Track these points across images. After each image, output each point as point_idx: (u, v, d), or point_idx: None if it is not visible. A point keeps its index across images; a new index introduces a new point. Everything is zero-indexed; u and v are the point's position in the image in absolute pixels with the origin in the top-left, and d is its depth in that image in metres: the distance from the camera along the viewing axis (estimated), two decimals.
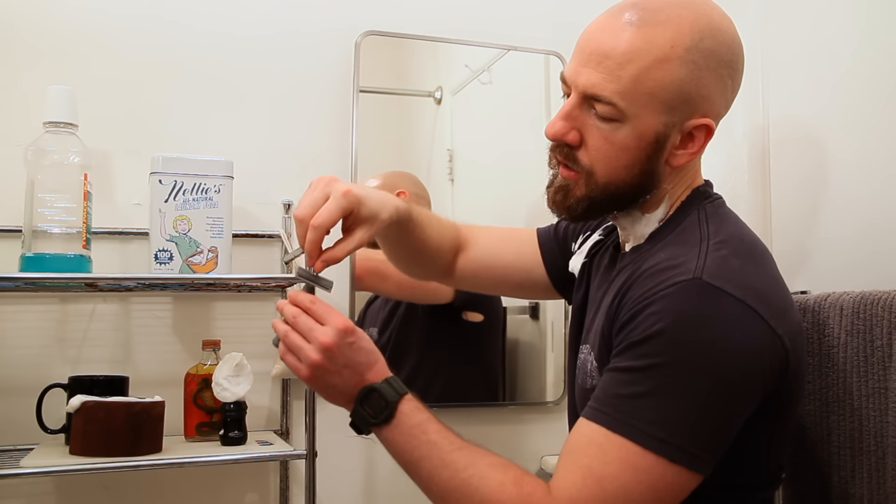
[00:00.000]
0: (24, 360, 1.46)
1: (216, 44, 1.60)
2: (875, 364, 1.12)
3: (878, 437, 1.11)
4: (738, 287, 0.86)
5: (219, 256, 1.40)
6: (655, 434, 0.84)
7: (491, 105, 1.80)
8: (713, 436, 0.86)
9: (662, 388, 0.84)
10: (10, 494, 1.44)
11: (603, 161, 0.95)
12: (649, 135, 0.93)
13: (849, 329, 1.16)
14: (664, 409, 0.84)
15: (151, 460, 1.30)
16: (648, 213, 1.00)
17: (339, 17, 1.67)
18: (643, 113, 0.92)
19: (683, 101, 0.92)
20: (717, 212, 0.99)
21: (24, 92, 1.47)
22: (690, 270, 0.87)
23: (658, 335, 0.85)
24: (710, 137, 0.96)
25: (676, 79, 0.91)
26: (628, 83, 0.90)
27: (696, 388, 0.84)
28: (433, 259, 1.23)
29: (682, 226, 0.97)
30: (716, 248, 0.90)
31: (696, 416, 0.84)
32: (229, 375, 1.40)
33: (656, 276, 0.89)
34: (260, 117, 1.62)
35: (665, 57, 0.90)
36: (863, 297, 1.15)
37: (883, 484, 1.09)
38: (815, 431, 1.22)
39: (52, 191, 1.30)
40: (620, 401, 0.86)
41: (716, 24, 0.94)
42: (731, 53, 0.96)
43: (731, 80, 0.97)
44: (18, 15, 1.49)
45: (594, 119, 0.94)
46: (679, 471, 0.84)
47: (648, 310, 0.87)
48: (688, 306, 0.86)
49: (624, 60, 0.90)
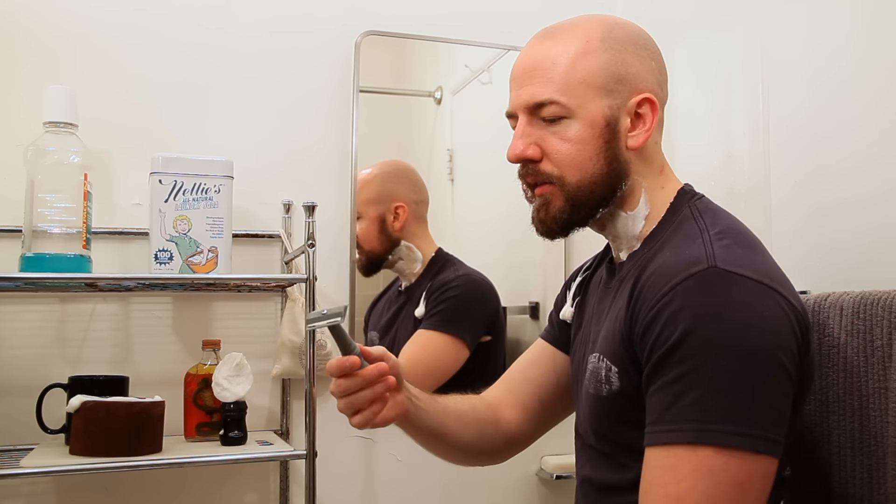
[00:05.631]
0: (24, 360, 1.46)
1: (217, 44, 1.60)
2: (875, 364, 1.12)
3: (878, 437, 1.11)
4: (753, 270, 0.88)
5: (219, 256, 1.40)
6: (723, 429, 0.83)
7: (491, 105, 1.79)
8: (776, 415, 0.86)
9: (719, 383, 0.83)
10: (10, 494, 1.44)
11: (568, 161, 0.99)
12: (599, 121, 0.98)
13: (849, 329, 1.16)
14: (725, 401, 0.83)
15: (151, 460, 1.30)
16: (631, 211, 1.02)
17: (339, 17, 1.67)
18: (586, 102, 0.97)
19: (617, 82, 0.98)
20: (708, 207, 1.01)
21: (24, 92, 1.47)
22: (703, 260, 0.88)
23: (690, 333, 0.85)
24: (657, 112, 1.00)
25: (602, 63, 0.98)
26: (562, 80, 0.98)
27: (747, 371, 0.84)
28: (482, 448, 1.18)
29: (678, 223, 0.99)
30: (717, 238, 0.92)
31: (755, 398, 0.84)
32: (229, 375, 1.40)
33: (668, 273, 0.90)
34: (260, 117, 1.62)
35: (584, 50, 0.98)
36: (863, 297, 1.15)
37: (883, 484, 1.09)
38: (815, 431, 1.22)
39: (52, 191, 1.30)
40: (683, 412, 0.85)
41: (620, 20, 1.03)
42: (643, 39, 1.02)
43: (654, 61, 1.02)
44: (19, 14, 1.49)
45: (546, 127, 0.99)
46: (757, 458, 0.84)
47: (670, 308, 0.87)
48: (711, 295, 0.86)
49: (551, 65, 0.99)
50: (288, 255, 1.56)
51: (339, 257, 1.64)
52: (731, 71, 1.55)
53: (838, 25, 1.35)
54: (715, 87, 1.60)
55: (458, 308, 1.67)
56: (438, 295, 1.66)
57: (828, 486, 1.18)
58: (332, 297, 1.63)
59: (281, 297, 1.61)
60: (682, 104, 1.70)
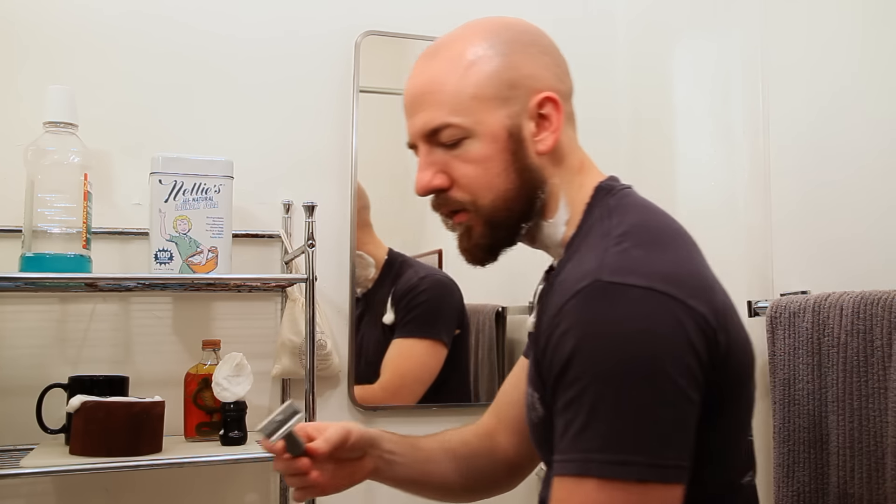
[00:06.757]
0: (24, 360, 1.46)
1: (217, 44, 1.60)
2: (875, 364, 1.12)
3: (877, 437, 1.11)
4: (643, 276, 0.81)
5: (219, 256, 1.40)
6: (602, 459, 0.76)
7: None
8: (668, 437, 0.78)
9: (600, 409, 0.77)
10: (10, 494, 1.44)
11: (477, 183, 0.93)
12: (501, 133, 0.92)
13: (849, 329, 1.16)
14: (608, 428, 0.77)
15: (151, 460, 1.30)
16: (551, 218, 0.96)
17: (339, 17, 1.67)
18: (482, 118, 0.91)
19: (511, 88, 0.92)
20: (622, 202, 0.94)
21: (24, 92, 1.47)
22: (590, 274, 0.82)
23: (575, 354, 0.79)
24: (561, 108, 0.93)
25: (491, 72, 0.92)
26: (452, 100, 0.91)
27: (632, 392, 0.77)
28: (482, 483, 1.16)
29: (589, 227, 0.92)
30: (618, 241, 0.86)
31: (640, 422, 0.77)
32: (229, 375, 1.40)
33: (562, 291, 0.84)
34: (260, 117, 1.62)
35: (470, 62, 0.92)
36: (863, 297, 1.15)
37: (882, 484, 1.09)
38: (815, 431, 1.22)
39: (52, 191, 1.30)
40: (572, 441, 0.79)
41: (503, 21, 0.97)
42: (531, 34, 0.96)
43: (547, 55, 0.96)
44: (19, 15, 1.49)
45: (447, 153, 0.93)
46: (644, 488, 0.76)
47: (559, 329, 0.82)
48: (593, 312, 0.80)
49: (439, 87, 0.92)
50: (288, 255, 1.56)
51: (339, 257, 1.64)
52: (731, 71, 1.55)
53: (838, 25, 1.36)
54: (715, 86, 1.60)
55: (431, 311, 1.70)
56: (408, 301, 1.67)
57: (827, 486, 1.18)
58: (332, 297, 1.63)
59: (281, 297, 1.61)
60: (682, 104, 1.70)
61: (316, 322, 1.39)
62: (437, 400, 1.69)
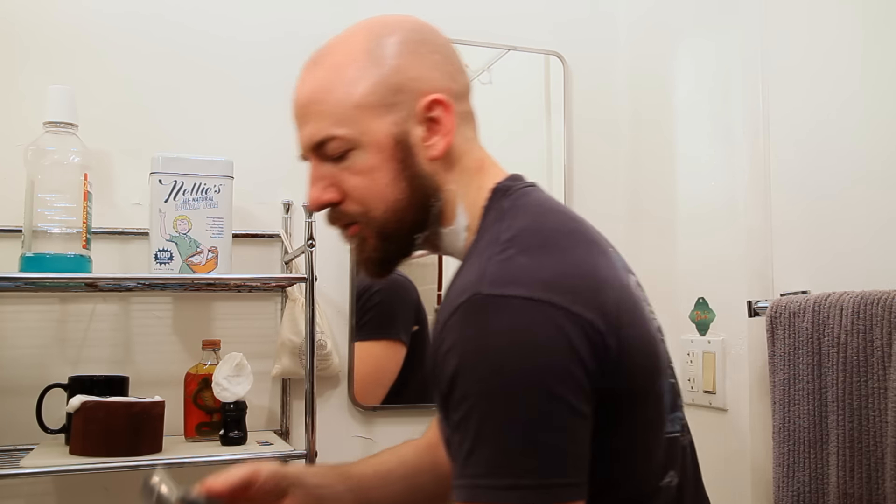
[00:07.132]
0: (24, 360, 1.46)
1: (217, 44, 1.60)
2: (875, 364, 1.12)
3: (876, 437, 1.11)
4: (524, 285, 0.77)
5: (219, 256, 1.40)
6: (489, 483, 0.73)
7: (491, 105, 1.79)
8: (555, 453, 0.74)
9: (486, 429, 0.74)
10: (10, 494, 1.44)
11: (367, 195, 0.89)
12: (386, 142, 0.88)
13: (849, 329, 1.16)
14: (493, 451, 0.74)
15: (151, 460, 1.30)
16: (450, 226, 0.92)
17: (339, 18, 1.67)
18: (367, 127, 0.88)
19: (397, 93, 0.88)
20: (516, 203, 0.89)
21: (24, 92, 1.48)
22: (470, 286, 0.79)
23: (457, 374, 0.76)
24: (451, 110, 0.89)
25: (374, 79, 0.88)
26: (336, 111, 0.88)
27: (515, 408, 0.74)
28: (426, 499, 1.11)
29: (480, 235, 0.88)
30: (504, 248, 0.82)
31: (523, 442, 0.73)
32: (229, 375, 1.40)
33: (447, 305, 0.81)
34: (260, 117, 1.62)
35: (352, 70, 0.88)
36: (863, 297, 1.15)
37: (882, 484, 1.09)
38: (815, 431, 1.22)
39: (52, 191, 1.30)
40: (462, 465, 0.76)
41: (388, 21, 0.93)
42: (420, 33, 0.93)
43: (437, 54, 0.92)
44: (19, 16, 1.49)
45: (335, 165, 0.90)
46: None
47: (443, 346, 0.79)
48: (472, 328, 0.77)
49: (320, 98, 0.89)
50: (288, 255, 1.56)
51: (339, 257, 1.64)
52: (731, 71, 1.55)
53: (839, 26, 1.36)
54: (715, 87, 1.60)
55: (386, 311, 1.69)
56: (363, 303, 1.66)
57: (826, 486, 1.18)
58: (332, 297, 1.63)
59: (281, 297, 1.61)
60: (682, 105, 1.70)
61: (316, 322, 1.39)
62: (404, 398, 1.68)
